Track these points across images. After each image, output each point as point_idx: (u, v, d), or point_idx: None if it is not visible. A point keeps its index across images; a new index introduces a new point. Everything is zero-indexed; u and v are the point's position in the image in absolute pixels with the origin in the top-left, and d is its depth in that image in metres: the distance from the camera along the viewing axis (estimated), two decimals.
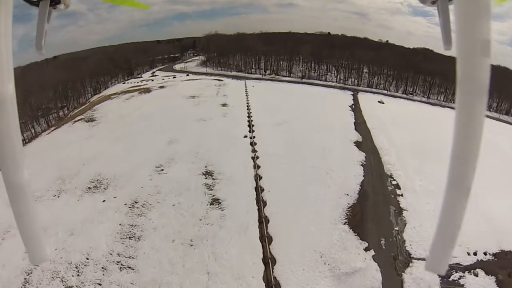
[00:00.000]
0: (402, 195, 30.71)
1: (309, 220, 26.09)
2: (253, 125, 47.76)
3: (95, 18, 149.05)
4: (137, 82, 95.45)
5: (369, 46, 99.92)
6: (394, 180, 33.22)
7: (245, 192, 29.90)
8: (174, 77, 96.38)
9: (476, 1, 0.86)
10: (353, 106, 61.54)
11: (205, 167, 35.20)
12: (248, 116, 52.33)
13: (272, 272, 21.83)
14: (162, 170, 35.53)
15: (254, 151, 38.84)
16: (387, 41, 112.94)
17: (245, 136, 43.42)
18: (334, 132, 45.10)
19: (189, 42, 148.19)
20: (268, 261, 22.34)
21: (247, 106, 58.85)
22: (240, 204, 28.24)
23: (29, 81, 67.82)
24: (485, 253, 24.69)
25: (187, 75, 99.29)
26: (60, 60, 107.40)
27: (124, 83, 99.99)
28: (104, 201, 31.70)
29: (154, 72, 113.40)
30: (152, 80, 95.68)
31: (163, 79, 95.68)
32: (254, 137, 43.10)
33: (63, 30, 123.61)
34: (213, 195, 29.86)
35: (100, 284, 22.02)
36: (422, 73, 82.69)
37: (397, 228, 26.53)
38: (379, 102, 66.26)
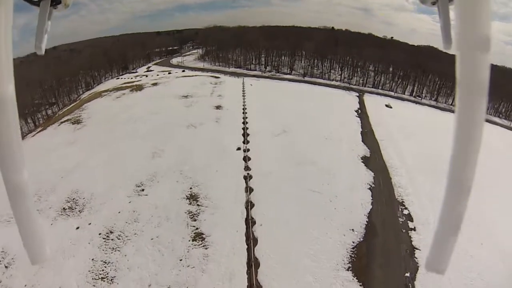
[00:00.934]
0: (414, 229, 26.76)
1: (307, 266, 22.17)
2: (248, 135, 43.33)
3: (96, 9, 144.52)
4: (131, 78, 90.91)
5: (373, 42, 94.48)
6: (406, 208, 29.19)
7: (234, 226, 25.85)
8: (170, 73, 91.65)
9: (476, 1, 0.86)
10: (359, 111, 56.75)
11: (190, 188, 31.16)
12: (244, 123, 47.85)
13: None
14: (143, 190, 31.67)
15: (247, 168, 34.62)
16: (392, 37, 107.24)
17: (238, 149, 39.02)
18: (339, 145, 40.63)
19: (190, 34, 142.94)
20: None
21: (243, 109, 54.34)
22: (226, 241, 24.31)
23: (23, 75, 63.66)
24: None
25: (183, 70, 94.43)
26: (58, 51, 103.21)
27: (118, 78, 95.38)
28: (78, 228, 28.42)
29: (149, 67, 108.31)
30: (146, 76, 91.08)
31: (157, 74, 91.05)
32: (248, 150, 38.76)
33: (64, 20, 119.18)
34: (197, 228, 25.91)
35: None
36: (429, 73, 77.39)
37: (408, 274, 22.72)
38: (386, 106, 61.46)
